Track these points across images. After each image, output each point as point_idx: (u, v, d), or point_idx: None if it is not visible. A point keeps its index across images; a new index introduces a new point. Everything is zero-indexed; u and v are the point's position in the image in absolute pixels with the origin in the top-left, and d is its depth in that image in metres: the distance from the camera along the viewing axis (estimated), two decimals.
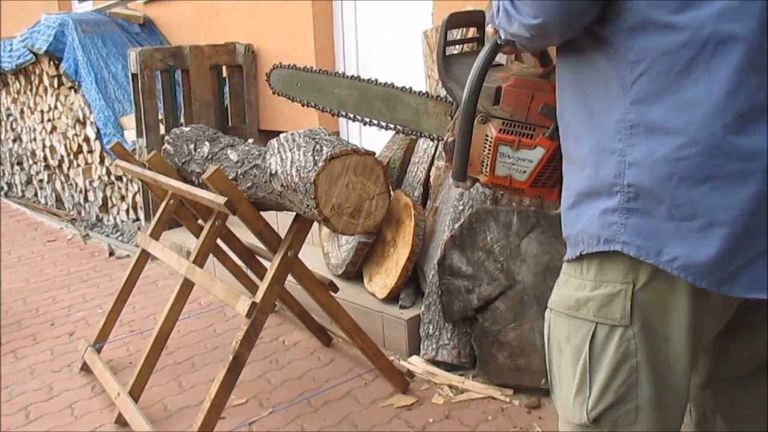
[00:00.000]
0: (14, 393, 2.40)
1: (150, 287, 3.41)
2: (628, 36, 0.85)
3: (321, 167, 1.59)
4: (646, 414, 0.96)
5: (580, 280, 0.99)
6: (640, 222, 0.88)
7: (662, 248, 0.87)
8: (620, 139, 0.88)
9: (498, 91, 1.12)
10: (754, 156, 0.80)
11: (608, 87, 0.89)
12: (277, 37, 3.90)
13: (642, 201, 0.87)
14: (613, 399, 0.96)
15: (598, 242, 0.93)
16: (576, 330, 0.98)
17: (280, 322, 2.88)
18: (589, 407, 0.98)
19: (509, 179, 1.14)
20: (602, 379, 0.96)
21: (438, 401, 2.18)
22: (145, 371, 2.12)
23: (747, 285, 0.85)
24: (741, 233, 0.82)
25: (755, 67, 0.79)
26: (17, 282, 3.63)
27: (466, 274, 2.24)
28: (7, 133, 5.81)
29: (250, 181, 1.87)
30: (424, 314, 2.40)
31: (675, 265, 0.86)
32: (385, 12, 3.50)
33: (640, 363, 0.94)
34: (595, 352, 0.96)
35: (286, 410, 2.18)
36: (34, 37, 4.52)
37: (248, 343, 1.83)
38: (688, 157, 0.82)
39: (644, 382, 0.95)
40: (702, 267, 0.85)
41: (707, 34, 0.79)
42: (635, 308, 0.92)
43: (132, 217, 4.34)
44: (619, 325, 0.94)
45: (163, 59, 3.74)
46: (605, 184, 0.90)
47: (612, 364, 0.95)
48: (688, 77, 0.81)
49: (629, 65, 0.86)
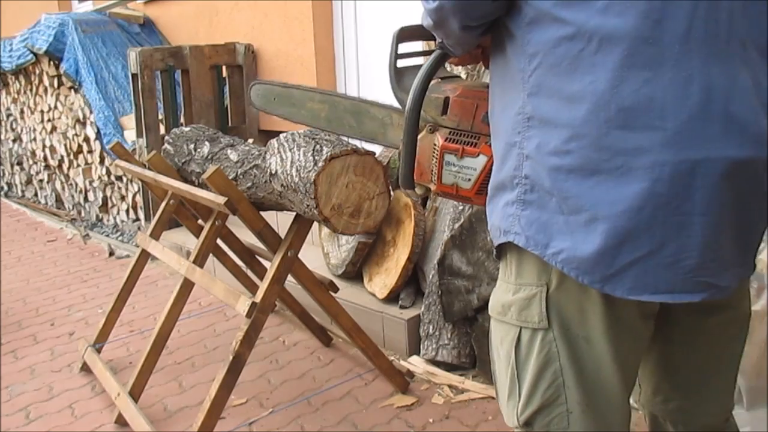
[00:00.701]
0: (14, 393, 2.40)
1: (150, 287, 3.41)
2: (526, 30, 0.86)
3: (321, 167, 1.59)
4: (578, 418, 0.95)
5: (506, 284, 0.99)
6: (534, 214, 0.88)
7: (550, 241, 0.87)
8: (519, 131, 0.89)
9: (446, 102, 1.15)
10: (639, 152, 0.79)
11: (513, 80, 0.90)
12: (277, 37, 3.89)
13: (537, 194, 0.88)
14: (541, 402, 0.96)
15: (500, 234, 0.94)
16: (506, 334, 0.99)
17: (280, 322, 2.88)
18: (519, 411, 0.98)
19: (456, 187, 1.15)
20: (529, 382, 0.96)
21: (438, 401, 2.18)
22: (145, 371, 2.12)
23: (630, 287, 0.84)
24: (624, 230, 0.81)
25: (640, 63, 0.78)
26: (17, 282, 3.63)
27: (466, 274, 2.24)
28: (7, 133, 5.81)
29: (250, 181, 1.87)
30: (424, 314, 2.40)
31: (559, 258, 0.86)
32: (385, 12, 3.50)
33: (564, 366, 0.93)
34: (521, 357, 0.96)
35: (286, 410, 2.18)
36: (34, 37, 4.52)
37: (248, 343, 1.83)
38: (575, 150, 0.82)
39: (571, 385, 0.94)
40: (584, 262, 0.84)
41: (592, 28, 0.79)
42: (551, 310, 0.92)
43: (132, 217, 4.34)
44: (539, 328, 0.94)
45: (163, 59, 3.74)
46: (508, 177, 0.91)
47: (536, 367, 0.95)
48: (575, 71, 0.81)
49: (527, 58, 0.86)
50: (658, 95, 0.78)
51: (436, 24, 0.97)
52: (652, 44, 0.78)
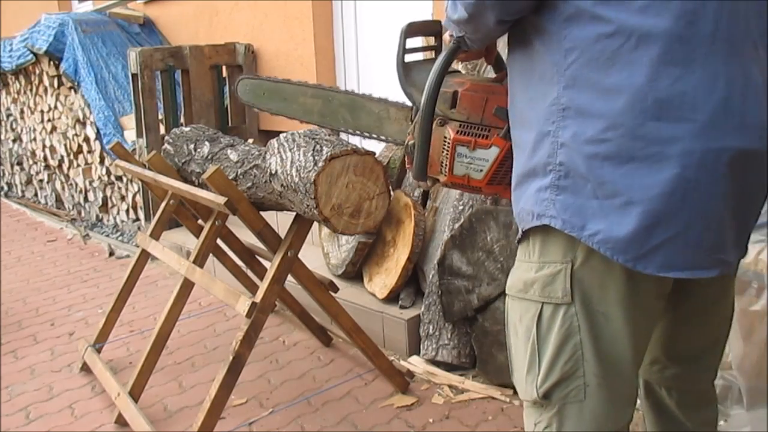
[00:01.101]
0: (14, 393, 2.40)
1: (150, 287, 3.41)
2: (562, 26, 0.91)
3: (321, 167, 1.59)
4: (594, 390, 1.00)
5: (527, 263, 1.04)
6: (569, 199, 0.93)
7: (586, 223, 0.92)
8: (553, 121, 0.93)
9: (455, 95, 1.18)
10: (672, 141, 0.86)
11: (545, 73, 0.95)
12: (277, 37, 3.89)
13: (571, 179, 0.93)
14: (560, 375, 1.01)
15: (533, 218, 0.98)
16: (525, 311, 1.04)
17: (280, 322, 2.88)
18: (539, 384, 1.03)
19: (467, 178, 1.19)
20: (549, 356, 1.01)
21: (438, 401, 2.18)
22: (145, 371, 2.12)
23: (660, 264, 0.91)
24: (657, 213, 0.88)
25: (674, 60, 0.86)
26: (17, 282, 3.63)
27: (466, 274, 2.24)
28: (7, 133, 5.81)
29: (250, 181, 1.87)
30: (424, 314, 2.40)
31: (595, 239, 0.92)
32: (385, 12, 3.50)
33: (583, 340, 0.99)
34: (542, 331, 1.01)
35: (286, 410, 2.18)
36: (34, 37, 4.52)
37: (248, 343, 1.83)
38: (612, 139, 0.88)
39: (589, 358, 0.99)
40: (619, 242, 0.90)
41: (631, 26, 0.86)
42: (575, 286, 0.98)
43: (132, 217, 4.34)
44: (562, 303, 0.99)
45: (163, 59, 3.74)
46: (541, 164, 0.96)
47: (557, 341, 1.00)
48: (613, 65, 0.87)
49: (563, 53, 0.91)
50: (689, 90, 0.86)
51: (471, 17, 1.00)
52: (685, 43, 0.86)
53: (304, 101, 1.62)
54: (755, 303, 1.78)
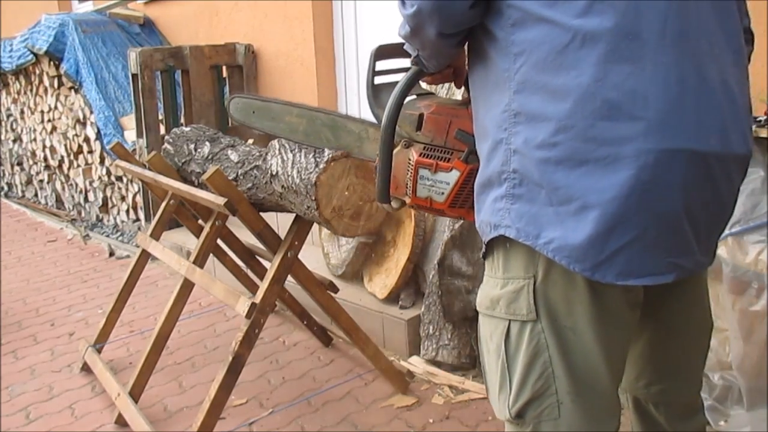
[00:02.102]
0: (14, 393, 2.40)
1: (150, 287, 3.42)
2: (510, 31, 0.89)
3: (322, 169, 1.59)
4: (569, 408, 0.97)
5: (493, 279, 1.02)
6: (524, 207, 0.91)
7: (540, 231, 0.90)
8: (505, 128, 0.92)
9: (420, 118, 1.18)
10: (625, 141, 0.83)
11: (497, 81, 0.93)
12: (277, 37, 3.89)
13: (525, 187, 0.90)
14: (532, 394, 0.98)
15: (491, 229, 0.96)
16: (494, 329, 1.01)
17: (280, 322, 2.89)
18: (510, 403, 1.00)
19: (429, 200, 1.19)
20: (519, 374, 0.98)
21: (438, 401, 2.18)
22: (145, 372, 2.12)
23: (619, 272, 0.87)
24: (613, 217, 0.84)
25: (622, 57, 0.83)
26: (17, 282, 3.63)
27: (466, 274, 2.24)
28: (7, 134, 5.81)
29: (251, 182, 1.87)
30: (424, 314, 2.40)
31: (550, 247, 0.89)
32: (385, 12, 3.50)
33: (552, 357, 0.96)
34: (511, 349, 0.99)
35: (286, 410, 2.18)
36: (34, 38, 4.52)
37: (248, 344, 1.83)
38: (563, 142, 0.85)
39: (560, 375, 0.96)
40: (576, 250, 0.87)
41: (576, 26, 0.84)
42: (539, 302, 0.95)
43: (132, 217, 4.34)
44: (528, 320, 0.96)
45: (163, 59, 3.74)
46: (495, 173, 0.94)
47: (526, 359, 0.97)
48: (560, 66, 0.85)
49: (512, 57, 0.90)
50: (639, 87, 0.83)
51: (414, 31, 0.98)
52: (632, 40, 0.83)
53: (290, 120, 1.64)
54: (755, 303, 1.78)
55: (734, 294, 1.80)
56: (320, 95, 3.75)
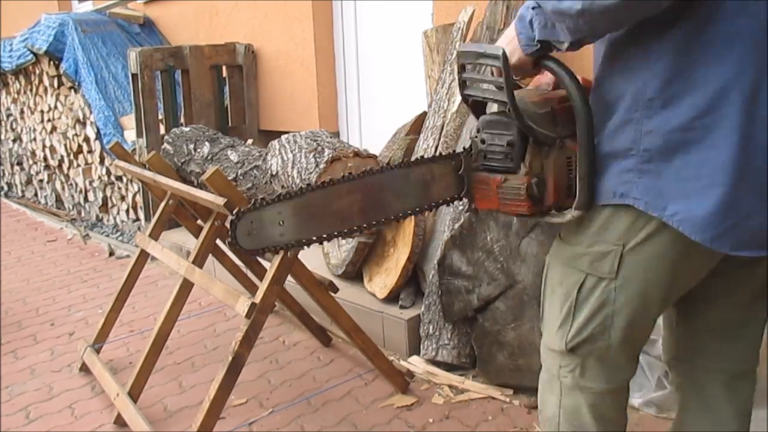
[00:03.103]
0: (14, 393, 2.40)
1: (150, 287, 3.42)
2: (675, 24, 0.96)
3: (322, 169, 1.59)
4: (615, 351, 1.17)
5: (580, 237, 1.14)
6: (651, 182, 1.01)
7: (667, 204, 1.00)
8: (636, 110, 1.00)
9: (553, 113, 1.13)
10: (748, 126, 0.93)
11: (636, 65, 1.01)
12: (277, 37, 3.90)
13: (654, 164, 1.00)
14: (589, 335, 1.16)
15: (614, 196, 1.06)
16: (568, 277, 1.17)
17: (280, 322, 2.88)
18: (568, 338, 1.18)
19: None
20: (582, 318, 1.16)
21: (438, 401, 2.18)
22: (144, 372, 2.12)
23: (734, 244, 0.99)
24: (734, 194, 0.95)
25: (758, 56, 0.92)
26: (17, 282, 3.63)
27: (466, 274, 2.24)
28: (7, 133, 5.82)
29: (250, 182, 1.87)
30: (424, 314, 2.40)
31: (676, 218, 0.99)
32: (385, 12, 3.50)
33: (616, 312, 1.13)
34: (581, 298, 1.15)
35: (286, 410, 2.18)
36: (34, 37, 4.52)
37: (247, 344, 1.83)
38: (698, 128, 0.95)
39: (618, 326, 1.14)
40: (699, 222, 0.98)
41: (721, 24, 0.92)
42: (622, 266, 1.09)
43: (132, 217, 4.34)
44: (606, 278, 1.11)
45: (163, 59, 3.74)
46: (623, 148, 1.03)
47: (592, 308, 1.14)
48: (703, 60, 0.94)
49: (661, 42, 0.97)
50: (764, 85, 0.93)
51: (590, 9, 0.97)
52: (764, 42, 0.93)
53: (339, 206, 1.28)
54: None
55: None
56: (320, 95, 3.75)
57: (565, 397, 1.24)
